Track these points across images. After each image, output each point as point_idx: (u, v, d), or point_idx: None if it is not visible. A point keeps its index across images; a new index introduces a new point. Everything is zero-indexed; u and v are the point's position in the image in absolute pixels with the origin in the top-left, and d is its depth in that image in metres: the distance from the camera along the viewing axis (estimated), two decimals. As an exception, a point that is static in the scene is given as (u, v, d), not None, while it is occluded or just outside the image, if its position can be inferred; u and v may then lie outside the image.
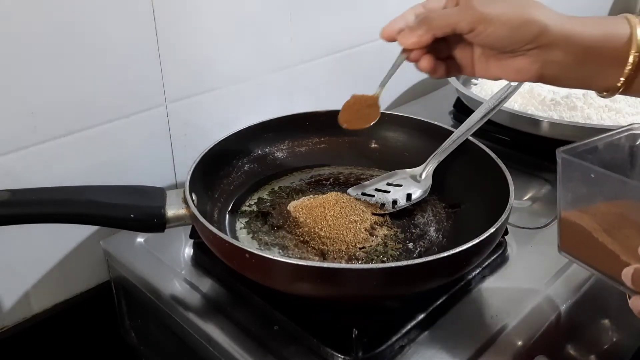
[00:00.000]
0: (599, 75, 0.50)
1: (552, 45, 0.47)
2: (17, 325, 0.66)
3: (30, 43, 0.58)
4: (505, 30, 0.47)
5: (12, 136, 0.60)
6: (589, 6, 1.45)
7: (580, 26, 0.48)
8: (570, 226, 0.50)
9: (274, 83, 0.83)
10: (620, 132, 0.54)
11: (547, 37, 0.47)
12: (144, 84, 0.68)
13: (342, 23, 0.88)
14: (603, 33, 0.48)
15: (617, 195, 0.48)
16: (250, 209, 0.67)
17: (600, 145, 0.52)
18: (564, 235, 0.51)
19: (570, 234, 0.50)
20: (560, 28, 0.47)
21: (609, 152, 0.53)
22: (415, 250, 0.61)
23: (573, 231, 0.50)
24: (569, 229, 0.50)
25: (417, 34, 0.49)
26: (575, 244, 0.50)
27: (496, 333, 0.54)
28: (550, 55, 0.48)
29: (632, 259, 0.44)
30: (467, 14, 0.47)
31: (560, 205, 0.50)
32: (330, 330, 0.52)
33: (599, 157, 0.52)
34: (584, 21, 0.48)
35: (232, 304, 0.58)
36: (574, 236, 0.50)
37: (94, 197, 0.55)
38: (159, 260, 0.64)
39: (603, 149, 0.52)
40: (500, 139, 0.86)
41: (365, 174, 0.75)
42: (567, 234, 0.51)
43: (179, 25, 0.68)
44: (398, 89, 1.06)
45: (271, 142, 0.75)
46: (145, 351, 0.70)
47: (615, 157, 0.54)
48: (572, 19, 0.48)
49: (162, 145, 0.73)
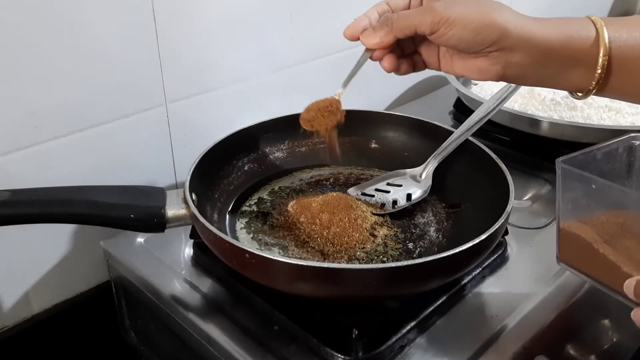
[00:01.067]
0: (562, 76, 0.50)
1: (512, 47, 0.47)
2: (17, 325, 0.66)
3: (30, 43, 0.58)
4: (466, 33, 0.47)
5: (12, 136, 0.60)
6: (589, 6, 1.45)
7: (540, 29, 0.48)
8: (570, 237, 0.50)
9: (274, 83, 0.83)
10: (618, 141, 0.54)
11: (507, 41, 0.47)
12: (144, 84, 0.68)
13: (342, 23, 0.88)
14: (564, 35, 0.48)
15: (617, 206, 0.48)
16: (250, 209, 0.67)
17: (599, 154, 0.52)
18: (563, 246, 0.51)
19: (569, 245, 0.50)
20: (519, 31, 0.47)
21: (607, 161, 0.53)
22: (415, 250, 0.61)
23: (573, 242, 0.50)
24: (569, 240, 0.50)
25: (379, 34, 0.50)
26: (575, 254, 0.50)
27: (496, 333, 0.54)
28: (511, 57, 0.48)
29: (634, 270, 0.44)
30: (429, 16, 0.47)
31: (559, 216, 0.50)
32: (330, 330, 0.52)
33: (598, 166, 0.52)
34: (546, 23, 0.48)
35: (232, 304, 0.58)
36: (574, 247, 0.50)
37: (94, 197, 0.55)
38: (159, 260, 0.64)
39: (601, 157, 0.52)
40: (500, 139, 0.86)
41: (365, 174, 0.75)
42: (567, 245, 0.51)
43: (179, 25, 0.68)
44: (398, 89, 1.06)
45: (271, 142, 0.75)
46: (145, 351, 0.70)
47: (614, 166, 0.54)
48: (533, 21, 0.48)
49: (162, 145, 0.73)
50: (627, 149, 0.54)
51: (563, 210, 0.50)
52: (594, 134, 0.78)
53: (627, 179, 0.55)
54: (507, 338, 0.54)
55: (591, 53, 0.48)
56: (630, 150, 0.54)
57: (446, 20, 0.46)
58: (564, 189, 0.49)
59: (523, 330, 0.55)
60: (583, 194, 0.49)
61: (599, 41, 0.48)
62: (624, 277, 0.43)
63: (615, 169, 0.54)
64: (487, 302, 0.58)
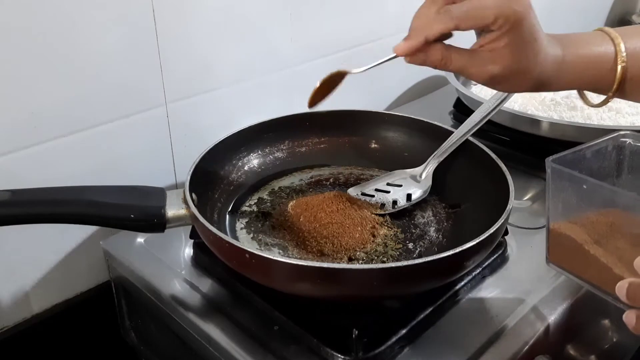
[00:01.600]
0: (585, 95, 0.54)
1: (542, 85, 0.51)
2: (17, 325, 0.66)
3: (30, 43, 0.58)
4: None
5: (12, 136, 0.60)
6: (589, 6, 1.45)
7: (572, 69, 0.51)
8: (560, 237, 0.49)
9: (274, 83, 0.83)
10: (608, 139, 0.54)
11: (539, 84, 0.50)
12: (144, 84, 0.68)
13: (342, 23, 0.88)
14: (592, 73, 0.51)
15: (607, 205, 0.47)
16: (250, 209, 0.67)
17: (589, 153, 0.52)
18: (553, 247, 0.51)
19: (559, 246, 0.50)
20: (551, 75, 0.50)
21: (597, 160, 0.53)
22: (415, 250, 0.61)
23: (562, 242, 0.49)
24: (559, 241, 0.50)
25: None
26: (565, 255, 0.50)
27: (496, 333, 0.54)
28: (541, 88, 0.51)
29: (625, 272, 0.44)
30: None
31: (549, 216, 0.50)
32: (330, 330, 0.52)
33: (588, 165, 0.52)
34: (575, 61, 0.51)
35: (232, 304, 0.58)
36: (564, 248, 0.50)
37: (94, 197, 0.55)
38: (159, 260, 0.64)
39: (591, 156, 0.52)
40: (500, 139, 0.86)
41: (365, 174, 0.75)
42: (557, 246, 0.50)
43: (179, 25, 0.68)
44: (398, 89, 1.06)
45: (271, 142, 0.75)
46: (145, 351, 0.70)
47: (603, 164, 0.54)
48: (563, 63, 0.50)
49: (162, 145, 0.73)
50: (617, 147, 0.54)
51: (553, 211, 0.50)
52: (594, 134, 0.76)
53: (617, 177, 0.55)
54: (507, 338, 0.54)
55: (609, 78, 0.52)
56: (620, 149, 0.54)
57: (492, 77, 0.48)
58: (554, 188, 0.49)
59: (523, 330, 0.55)
60: (573, 193, 0.49)
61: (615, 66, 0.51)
62: (616, 279, 0.42)
63: (605, 168, 0.54)
64: (487, 302, 0.58)
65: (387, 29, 0.93)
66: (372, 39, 0.92)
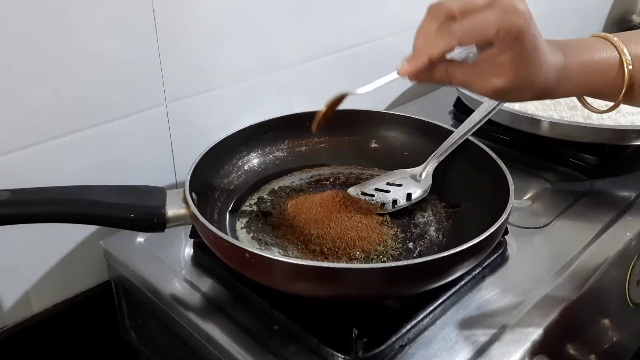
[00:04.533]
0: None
1: (546, 93, 0.51)
2: (17, 325, 0.66)
3: (30, 43, 0.58)
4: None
5: (12, 136, 0.60)
6: (588, 6, 1.45)
7: (575, 75, 0.51)
8: None
9: (274, 83, 0.83)
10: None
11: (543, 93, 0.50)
12: (144, 84, 0.68)
13: (342, 23, 0.88)
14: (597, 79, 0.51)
15: None
16: (250, 209, 0.67)
17: None
18: None
19: None
20: (555, 83, 0.50)
21: None
22: (415, 250, 0.61)
23: None
24: None
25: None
26: None
27: (496, 333, 0.54)
28: (545, 96, 0.51)
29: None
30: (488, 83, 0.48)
31: None
32: (330, 330, 0.52)
33: None
34: (578, 68, 0.51)
35: (232, 304, 0.58)
36: None
37: (94, 197, 0.55)
38: (159, 260, 0.64)
39: None
40: (500, 139, 0.86)
41: (365, 173, 0.75)
42: None
43: (179, 25, 0.68)
44: (398, 89, 1.06)
45: (271, 142, 0.75)
46: (145, 351, 0.70)
47: None
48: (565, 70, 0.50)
49: (162, 145, 0.73)
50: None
51: None
52: (594, 134, 0.77)
53: None
54: (507, 338, 0.54)
55: (616, 85, 0.52)
56: None
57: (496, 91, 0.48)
58: None
59: (523, 330, 0.55)
60: None
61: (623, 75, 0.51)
62: None
63: None
64: (487, 302, 0.58)
65: (387, 29, 0.93)
66: (372, 39, 0.92)
